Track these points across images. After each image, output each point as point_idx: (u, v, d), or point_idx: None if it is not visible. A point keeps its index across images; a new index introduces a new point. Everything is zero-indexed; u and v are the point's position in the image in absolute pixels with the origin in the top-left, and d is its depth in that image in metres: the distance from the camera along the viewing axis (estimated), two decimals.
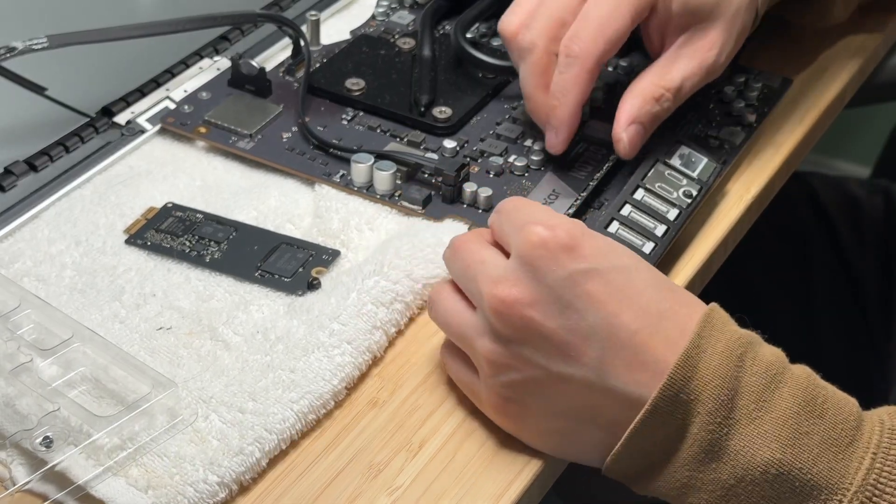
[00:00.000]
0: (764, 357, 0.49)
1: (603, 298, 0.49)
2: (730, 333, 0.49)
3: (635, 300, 0.49)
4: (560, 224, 0.51)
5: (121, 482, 0.51)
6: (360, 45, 0.74)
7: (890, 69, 1.13)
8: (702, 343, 0.49)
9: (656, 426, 0.49)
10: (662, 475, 0.50)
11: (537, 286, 0.50)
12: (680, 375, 0.48)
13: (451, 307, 0.54)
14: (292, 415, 0.53)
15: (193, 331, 0.57)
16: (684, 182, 0.63)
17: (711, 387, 0.48)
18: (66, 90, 0.71)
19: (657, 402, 0.48)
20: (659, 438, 0.49)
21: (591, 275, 0.50)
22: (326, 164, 0.66)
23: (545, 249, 0.50)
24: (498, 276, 0.51)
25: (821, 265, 0.87)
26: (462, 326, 0.53)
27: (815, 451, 0.48)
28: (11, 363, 0.54)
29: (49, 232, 0.63)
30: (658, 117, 0.62)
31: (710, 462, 0.48)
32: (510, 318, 0.50)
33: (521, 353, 0.50)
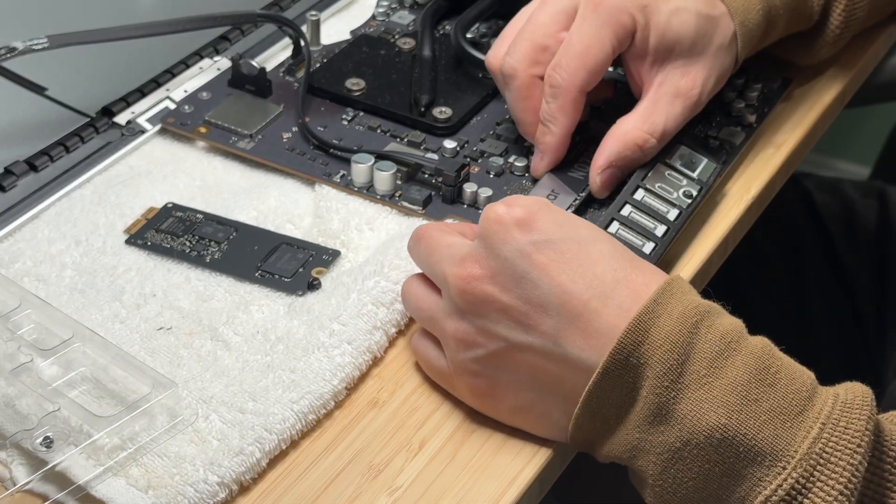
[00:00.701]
0: (721, 326, 0.50)
1: (555, 269, 0.51)
2: (688, 302, 0.50)
3: (588, 269, 0.51)
4: (517, 202, 0.52)
5: (121, 482, 0.51)
6: (360, 46, 0.74)
7: (890, 69, 1.13)
8: (657, 309, 0.49)
9: (609, 389, 0.50)
10: (615, 437, 0.51)
11: (494, 260, 0.52)
12: (630, 339, 0.49)
13: (419, 294, 0.55)
14: (292, 415, 0.53)
15: (194, 331, 0.57)
16: (684, 182, 0.63)
17: (662, 351, 0.49)
18: (66, 90, 0.71)
19: (608, 364, 0.49)
20: (612, 401, 0.50)
21: (543, 245, 0.51)
22: (327, 164, 0.66)
23: (500, 224, 0.52)
24: (461, 256, 0.53)
25: (815, 267, 0.88)
26: (430, 310, 0.55)
27: (763, 418, 0.48)
28: (12, 363, 0.54)
29: (49, 232, 0.63)
30: (637, 162, 0.63)
31: (658, 425, 0.49)
32: (471, 293, 0.52)
33: (485, 327, 0.52)
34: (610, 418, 0.51)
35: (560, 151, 0.64)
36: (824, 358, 0.83)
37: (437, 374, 0.56)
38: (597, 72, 0.62)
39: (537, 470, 0.53)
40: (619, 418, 0.50)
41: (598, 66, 0.62)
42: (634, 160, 0.63)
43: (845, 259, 0.87)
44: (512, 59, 0.63)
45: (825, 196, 0.90)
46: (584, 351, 0.50)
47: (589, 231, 0.53)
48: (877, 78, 1.11)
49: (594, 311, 0.50)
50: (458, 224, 0.58)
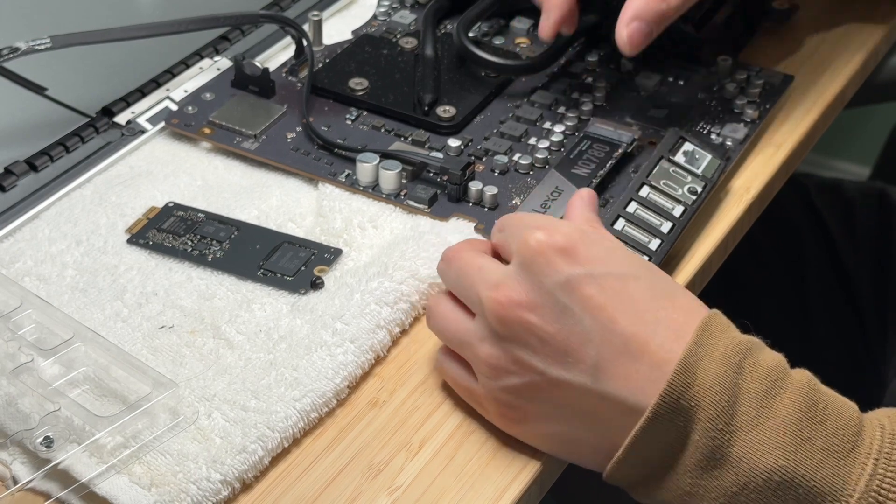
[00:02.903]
0: (764, 363, 0.49)
1: (599, 303, 0.49)
2: (729, 339, 0.49)
3: (631, 306, 0.49)
4: (559, 229, 0.51)
5: (124, 480, 0.51)
6: (362, 45, 0.74)
7: (890, 69, 1.13)
8: (699, 350, 0.48)
9: (657, 433, 0.48)
10: (665, 483, 0.49)
11: (535, 290, 0.50)
12: (679, 382, 0.48)
13: (449, 315, 0.54)
14: (295, 413, 0.53)
15: (196, 329, 0.57)
16: (689, 179, 0.63)
17: (711, 393, 0.48)
18: (67, 90, 0.71)
19: (657, 409, 0.48)
20: (660, 446, 0.49)
21: (587, 279, 0.50)
22: (331, 163, 0.66)
23: (542, 253, 0.50)
24: (496, 280, 0.51)
25: (815, 268, 0.87)
26: (461, 333, 0.53)
27: (818, 457, 0.47)
28: (13, 363, 0.54)
29: (50, 232, 0.62)
30: (664, 16, 0.60)
31: (713, 469, 0.48)
32: (509, 320, 0.50)
33: (520, 357, 0.51)
34: (655, 462, 0.49)
35: (565, 10, 0.61)
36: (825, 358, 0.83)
37: (465, 394, 0.55)
38: None
39: (537, 470, 0.53)
40: (668, 463, 0.49)
41: None
42: (660, 13, 0.60)
43: (846, 259, 0.87)
44: None
45: (826, 196, 0.90)
46: (623, 390, 0.49)
47: (629, 265, 0.51)
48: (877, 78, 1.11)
49: (635, 350, 0.49)
50: (484, 242, 0.56)
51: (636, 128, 0.68)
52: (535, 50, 0.75)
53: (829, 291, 0.87)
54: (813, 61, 0.76)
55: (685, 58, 0.73)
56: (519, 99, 0.71)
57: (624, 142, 0.67)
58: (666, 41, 0.73)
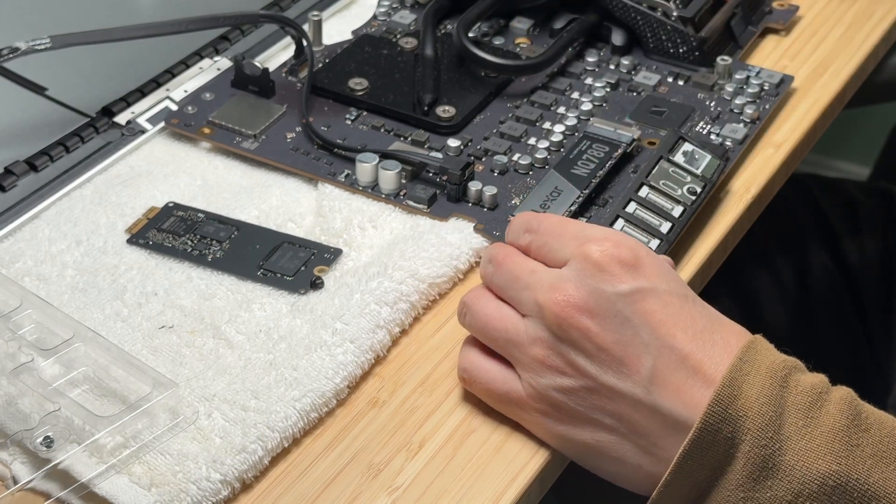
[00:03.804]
0: (806, 379, 0.50)
1: (659, 318, 0.50)
2: (773, 357, 0.50)
3: (689, 325, 0.50)
4: (624, 241, 0.52)
5: (124, 480, 0.51)
6: (362, 45, 0.74)
7: (890, 69, 1.13)
8: (744, 366, 0.49)
9: (706, 447, 0.48)
10: (713, 500, 0.49)
11: (598, 298, 0.50)
12: (726, 394, 0.48)
13: (495, 313, 0.54)
14: (294, 413, 0.53)
15: (196, 329, 0.57)
16: (688, 179, 0.63)
17: (758, 404, 0.48)
18: (67, 90, 0.71)
19: (705, 419, 0.48)
20: (709, 462, 0.49)
21: (651, 294, 0.50)
22: (331, 163, 0.66)
23: (608, 265, 0.51)
24: (554, 283, 0.51)
25: (819, 268, 0.87)
26: (510, 332, 0.53)
27: (868, 462, 0.48)
28: (13, 363, 0.54)
29: (50, 231, 0.63)
30: None
31: (765, 480, 0.48)
32: (568, 324, 0.51)
33: (575, 361, 0.51)
34: (704, 480, 0.49)
35: None
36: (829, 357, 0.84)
37: (501, 398, 0.54)
38: None
39: (537, 470, 0.53)
40: (717, 478, 0.49)
41: None
42: None
43: (850, 259, 0.87)
44: None
45: (829, 196, 0.90)
46: (676, 404, 0.49)
47: (684, 289, 0.52)
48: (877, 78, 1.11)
49: (692, 367, 0.50)
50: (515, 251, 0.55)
51: (636, 128, 0.68)
52: (535, 50, 0.75)
53: (834, 291, 0.87)
54: (813, 61, 0.76)
55: (685, 58, 0.73)
56: (519, 99, 0.71)
57: (623, 142, 0.67)
58: (667, 42, 0.73)
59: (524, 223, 0.55)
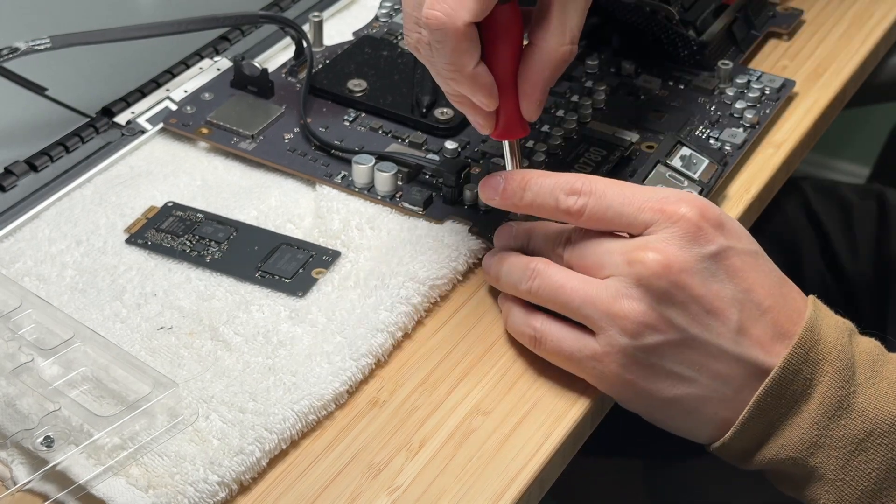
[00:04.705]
0: (865, 341, 0.55)
1: (743, 274, 0.53)
2: (836, 317, 0.55)
3: (766, 279, 0.54)
4: (702, 202, 0.54)
5: (121, 482, 0.51)
6: (362, 47, 0.74)
7: (890, 69, 1.13)
8: (819, 317, 0.54)
9: (785, 386, 0.52)
10: (786, 437, 0.53)
11: (692, 256, 0.53)
12: (808, 338, 0.53)
13: (571, 276, 0.55)
14: (293, 415, 0.54)
15: (194, 331, 0.58)
16: (685, 184, 0.63)
17: (836, 350, 0.53)
18: (67, 90, 0.71)
19: (788, 360, 0.52)
20: (785, 400, 0.53)
21: (735, 252, 0.54)
22: (328, 165, 0.66)
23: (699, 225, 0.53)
24: (641, 244, 0.53)
25: (813, 271, 0.87)
26: (589, 292, 0.54)
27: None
28: (12, 363, 0.54)
29: (50, 232, 0.63)
30: None
31: (840, 419, 0.52)
32: (663, 279, 0.53)
33: (666, 314, 0.53)
34: (777, 419, 0.53)
35: (490, 93, 0.57)
36: None
37: (572, 356, 0.55)
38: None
39: (537, 470, 0.53)
40: (791, 416, 0.53)
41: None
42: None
43: (844, 262, 0.87)
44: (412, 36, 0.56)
45: (823, 199, 0.90)
46: (760, 353, 0.53)
47: (757, 246, 0.55)
48: (877, 78, 1.11)
49: (772, 318, 0.53)
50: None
51: (635, 131, 0.68)
52: None
53: (828, 294, 0.87)
54: (813, 61, 0.76)
55: (687, 62, 0.73)
56: None
57: (621, 145, 0.67)
58: (668, 45, 0.73)
59: (566, 184, 0.55)
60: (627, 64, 0.73)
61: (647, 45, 0.74)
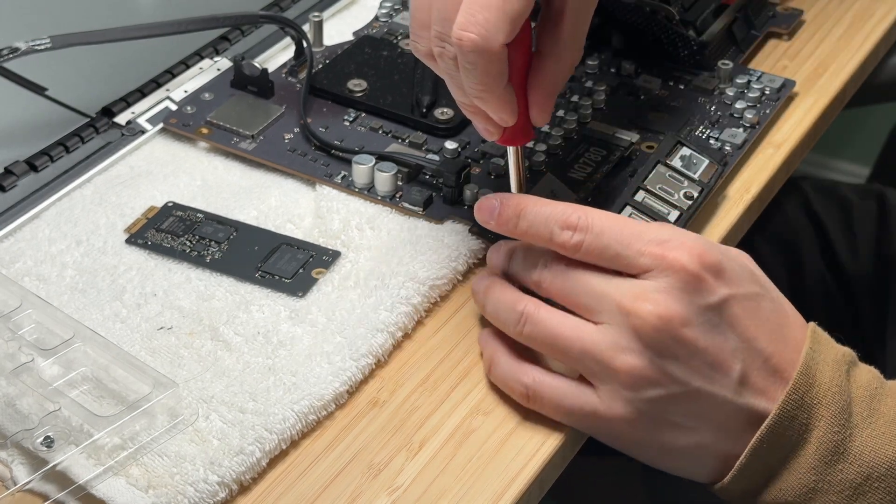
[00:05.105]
0: (863, 373, 0.53)
1: (745, 322, 0.52)
2: (834, 350, 0.53)
3: (767, 326, 0.53)
4: (704, 247, 0.52)
5: (121, 482, 0.51)
6: (362, 47, 0.74)
7: (890, 69, 1.13)
8: (815, 356, 0.52)
9: (782, 431, 0.51)
10: (784, 482, 0.52)
11: (692, 308, 0.51)
12: (802, 382, 0.51)
13: (565, 322, 0.53)
14: (293, 415, 0.54)
15: (194, 331, 0.58)
16: (685, 184, 0.63)
17: (831, 393, 0.52)
18: (67, 90, 0.71)
19: (783, 406, 0.51)
20: (782, 446, 0.52)
21: (736, 300, 0.52)
22: (328, 165, 0.66)
23: (698, 274, 0.52)
24: (642, 293, 0.51)
25: (813, 271, 0.87)
26: (586, 342, 0.52)
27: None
28: (12, 363, 0.54)
29: (50, 232, 0.63)
30: None
31: (837, 463, 0.51)
32: (666, 334, 0.51)
33: (667, 369, 0.51)
34: (775, 464, 0.52)
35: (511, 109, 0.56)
36: None
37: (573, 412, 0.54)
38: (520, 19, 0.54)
39: (537, 470, 0.53)
40: (789, 462, 0.52)
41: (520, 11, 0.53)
42: None
43: (844, 261, 0.87)
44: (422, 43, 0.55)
45: (823, 199, 0.90)
46: (762, 401, 0.52)
47: (754, 286, 0.54)
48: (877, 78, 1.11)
49: (773, 366, 0.52)
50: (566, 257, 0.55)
51: (635, 131, 0.68)
52: None
53: (828, 294, 0.87)
54: (813, 61, 0.76)
55: (687, 62, 0.73)
56: None
57: (621, 146, 0.67)
58: (668, 45, 0.73)
59: (561, 217, 0.53)
60: (627, 64, 0.73)
61: (647, 45, 0.74)
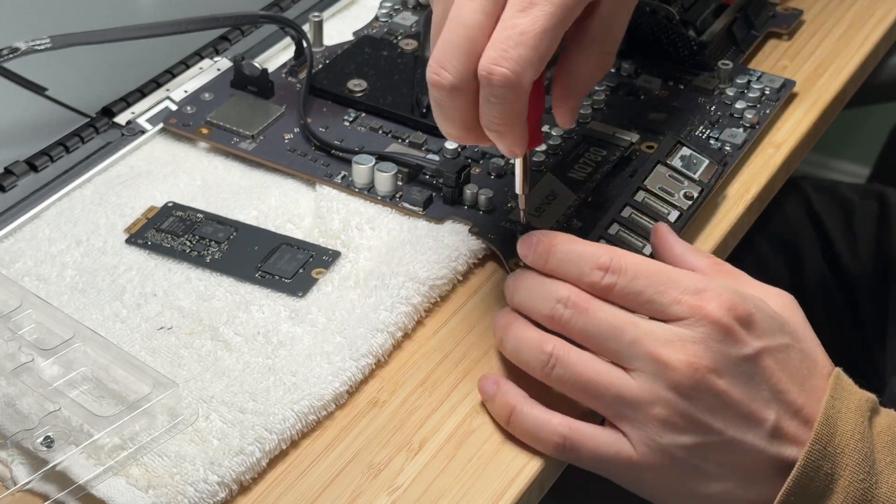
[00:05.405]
0: (884, 417, 0.54)
1: (777, 374, 0.53)
2: (857, 395, 0.54)
3: (797, 374, 0.53)
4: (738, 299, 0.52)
5: (121, 482, 0.51)
6: (362, 47, 0.74)
7: (890, 69, 1.13)
8: (836, 404, 0.53)
9: (807, 483, 0.51)
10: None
11: (726, 360, 0.52)
12: (825, 432, 0.52)
13: (598, 368, 0.53)
14: (293, 415, 0.54)
15: (194, 331, 0.58)
16: (685, 184, 0.63)
17: (854, 441, 0.52)
18: (67, 90, 0.71)
19: (807, 457, 0.51)
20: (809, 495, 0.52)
21: (768, 352, 0.53)
22: (328, 165, 0.66)
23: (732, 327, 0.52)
24: (675, 341, 0.52)
25: (814, 271, 0.87)
26: (621, 390, 0.52)
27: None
28: (12, 363, 0.54)
29: (50, 232, 0.63)
30: None
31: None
32: (698, 384, 0.51)
33: (702, 419, 0.52)
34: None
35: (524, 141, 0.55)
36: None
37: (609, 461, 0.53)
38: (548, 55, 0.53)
39: (537, 470, 0.53)
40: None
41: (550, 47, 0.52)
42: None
43: (844, 261, 0.87)
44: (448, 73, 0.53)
45: (824, 199, 0.90)
46: (794, 450, 0.52)
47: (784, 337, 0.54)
48: (877, 78, 1.11)
49: (803, 417, 0.53)
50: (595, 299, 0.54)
51: (635, 131, 0.68)
52: None
53: (828, 294, 0.87)
54: (813, 61, 0.77)
55: (687, 62, 0.73)
56: None
57: (621, 146, 0.67)
58: (668, 45, 0.73)
59: (592, 258, 0.53)
60: (627, 64, 0.73)
61: (647, 45, 0.74)
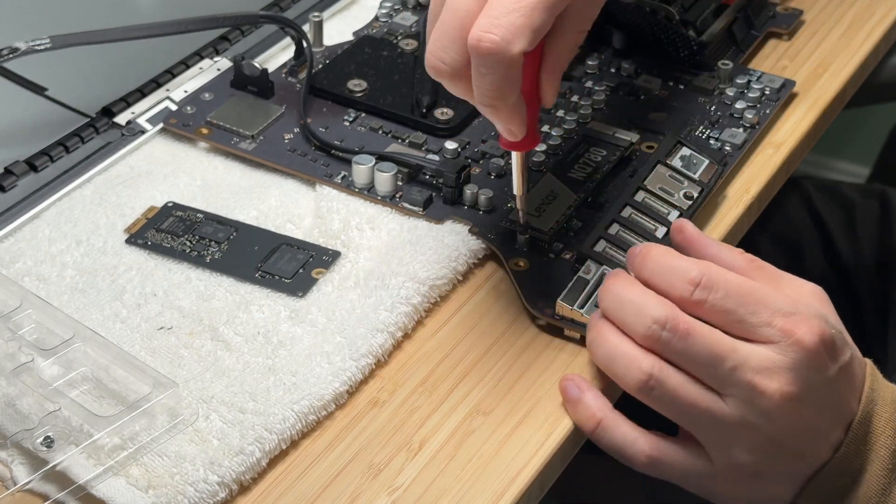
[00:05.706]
0: None
1: (846, 395, 0.55)
2: (889, 387, 0.57)
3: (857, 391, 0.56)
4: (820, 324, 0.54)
5: (121, 482, 0.51)
6: (362, 47, 0.74)
7: (890, 69, 1.13)
8: (873, 396, 0.56)
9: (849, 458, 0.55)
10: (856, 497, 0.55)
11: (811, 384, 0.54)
12: (863, 416, 0.55)
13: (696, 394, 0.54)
14: (293, 415, 0.54)
15: (194, 331, 0.58)
16: (685, 184, 0.63)
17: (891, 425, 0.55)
18: (67, 90, 0.71)
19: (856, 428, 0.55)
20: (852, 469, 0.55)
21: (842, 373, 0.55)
22: (328, 165, 0.66)
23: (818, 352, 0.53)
24: (768, 368, 0.53)
25: (815, 270, 0.87)
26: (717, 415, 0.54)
27: None
28: (12, 363, 0.54)
29: (50, 232, 0.63)
30: None
31: None
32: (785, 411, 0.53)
33: (779, 438, 0.54)
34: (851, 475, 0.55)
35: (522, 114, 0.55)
36: None
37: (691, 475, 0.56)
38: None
39: (537, 470, 0.54)
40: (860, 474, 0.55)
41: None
42: None
43: (846, 260, 0.87)
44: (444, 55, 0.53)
45: (825, 198, 0.90)
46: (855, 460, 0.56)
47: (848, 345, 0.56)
48: (877, 78, 1.11)
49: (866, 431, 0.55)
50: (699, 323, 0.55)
51: (635, 131, 0.68)
52: None
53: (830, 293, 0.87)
54: (813, 61, 0.77)
55: (687, 62, 0.73)
56: None
57: (621, 146, 0.67)
58: (668, 45, 0.73)
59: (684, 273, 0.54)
60: (627, 64, 0.73)
61: (647, 45, 0.74)
